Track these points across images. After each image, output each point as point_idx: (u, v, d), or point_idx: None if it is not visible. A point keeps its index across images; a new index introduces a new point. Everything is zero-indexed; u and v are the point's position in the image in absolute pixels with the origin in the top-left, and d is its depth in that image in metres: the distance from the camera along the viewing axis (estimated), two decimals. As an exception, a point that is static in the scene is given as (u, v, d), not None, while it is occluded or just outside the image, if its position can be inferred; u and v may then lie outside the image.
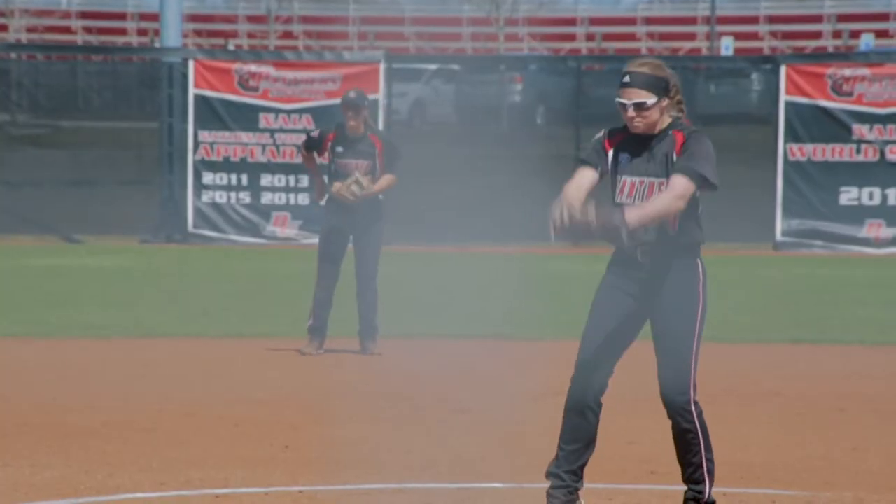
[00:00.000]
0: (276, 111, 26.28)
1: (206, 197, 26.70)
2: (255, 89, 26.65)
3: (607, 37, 45.65)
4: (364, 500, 6.85)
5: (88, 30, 45.60)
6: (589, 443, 5.95)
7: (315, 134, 12.33)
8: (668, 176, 5.89)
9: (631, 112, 5.89)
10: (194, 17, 44.51)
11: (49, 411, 9.47)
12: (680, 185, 5.87)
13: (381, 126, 26.86)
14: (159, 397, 10.08)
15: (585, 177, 5.89)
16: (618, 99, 5.92)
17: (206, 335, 13.64)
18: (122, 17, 46.14)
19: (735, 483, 7.44)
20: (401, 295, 14.34)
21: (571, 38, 45.78)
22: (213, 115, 26.63)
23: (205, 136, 26.65)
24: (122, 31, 45.71)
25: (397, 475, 7.09)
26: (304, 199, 26.32)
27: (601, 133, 6.01)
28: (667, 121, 6.00)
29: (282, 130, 26.49)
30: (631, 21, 46.18)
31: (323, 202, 12.39)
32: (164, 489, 7.11)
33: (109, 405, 9.73)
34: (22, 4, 44.95)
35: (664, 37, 45.29)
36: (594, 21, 46.20)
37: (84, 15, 45.92)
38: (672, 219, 5.93)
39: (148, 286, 19.05)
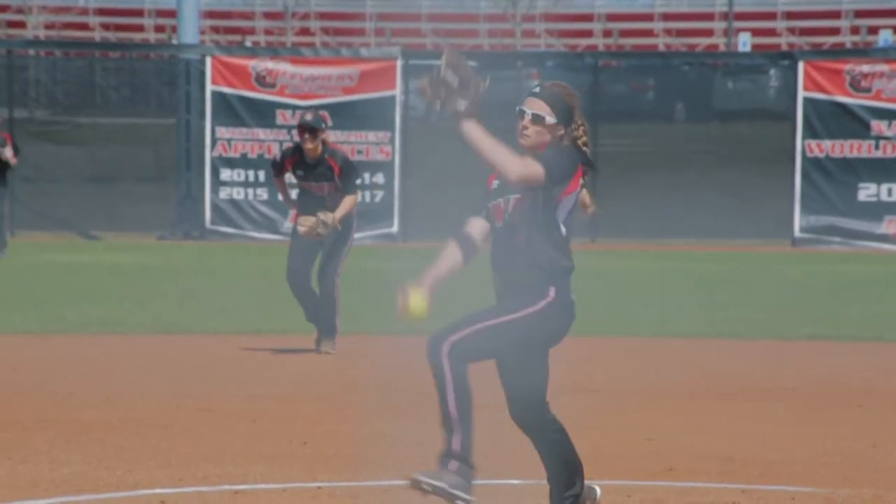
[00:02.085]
0: (293, 107, 26.30)
1: (223, 193, 26.73)
2: (272, 86, 26.67)
3: (624, 33, 45.59)
4: (382, 495, 6.85)
5: (106, 26, 45.67)
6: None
7: (277, 158, 12.37)
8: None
9: (526, 121, 5.64)
10: (211, 14, 44.56)
11: (67, 407, 9.49)
12: (530, 163, 5.49)
13: (397, 123, 26.90)
14: (177, 393, 10.09)
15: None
16: (519, 106, 5.73)
17: (224, 331, 13.65)
18: (139, 13, 46.21)
19: (753, 480, 7.42)
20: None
21: (588, 34, 45.72)
22: (231, 111, 26.66)
23: (222, 132, 26.68)
24: (140, 28, 45.78)
25: (415, 470, 7.09)
26: (321, 195, 26.34)
27: None
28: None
29: (299, 127, 26.52)
30: (648, 17, 46.10)
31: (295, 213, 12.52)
32: (182, 485, 7.12)
33: (127, 401, 9.74)
34: (40, 1, 45.05)
35: (681, 33, 45.21)
36: (611, 17, 46.13)
37: (102, 11, 45.99)
38: (522, 233, 5.58)
39: (165, 283, 19.08)
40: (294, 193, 12.31)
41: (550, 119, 5.64)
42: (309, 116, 12.17)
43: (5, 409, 9.40)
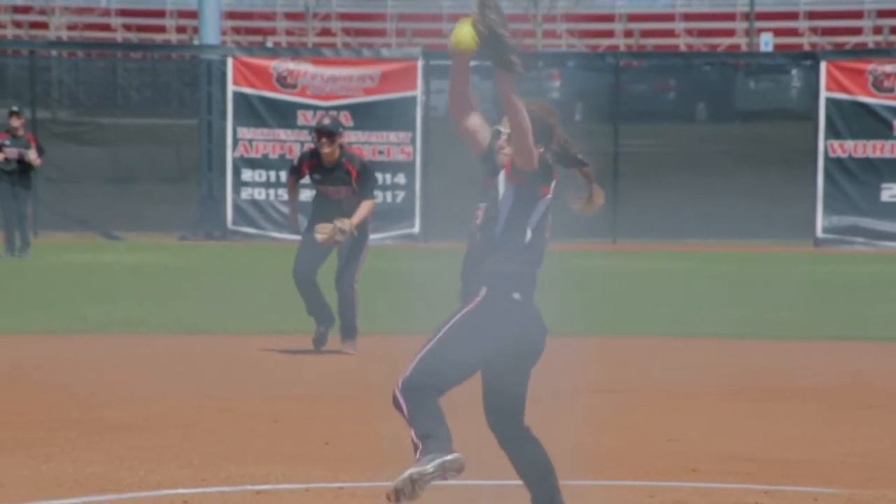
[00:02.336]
0: (315, 108, 26.31)
1: (244, 194, 26.77)
2: (294, 86, 26.70)
3: (645, 33, 45.52)
4: (404, 496, 6.84)
5: (128, 27, 45.79)
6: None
7: (295, 162, 12.38)
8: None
9: (502, 141, 5.67)
10: (233, 15, 44.64)
11: (89, 407, 9.51)
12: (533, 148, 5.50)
13: (418, 123, 26.90)
14: (198, 393, 10.11)
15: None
16: (496, 126, 5.74)
17: (245, 332, 13.66)
18: (161, 14, 46.31)
19: (776, 481, 7.40)
20: (441, 292, 14.32)
21: (609, 34, 45.66)
22: (252, 112, 26.70)
23: (244, 132, 26.71)
24: (162, 29, 45.88)
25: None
26: (342, 195, 26.36)
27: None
28: None
29: (320, 127, 26.54)
30: (669, 17, 46.03)
31: (297, 229, 12.53)
32: (204, 485, 7.12)
33: (149, 401, 9.75)
34: (62, 2, 45.19)
35: (703, 33, 45.12)
36: (632, 17, 46.07)
37: (123, 12, 46.12)
38: (484, 233, 5.57)
39: (187, 283, 19.11)
40: (296, 197, 12.36)
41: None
42: (326, 120, 12.16)
43: (28, 408, 9.42)
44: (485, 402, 5.76)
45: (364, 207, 11.86)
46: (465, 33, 5.60)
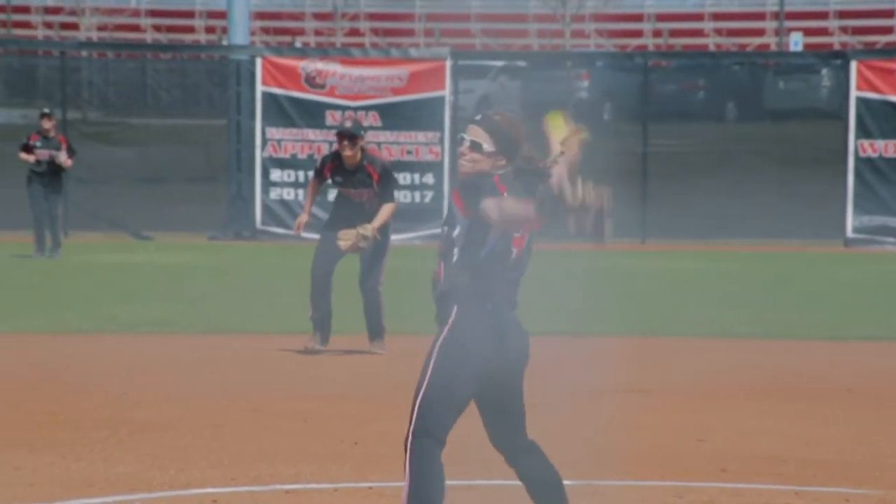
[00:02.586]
0: (343, 108, 26.34)
1: (273, 194, 26.82)
2: (322, 86, 26.73)
3: (674, 33, 45.42)
4: (433, 496, 6.83)
5: (157, 28, 45.95)
6: None
7: (318, 164, 12.38)
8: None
9: (464, 148, 5.58)
10: (261, 15, 44.73)
11: (120, 406, 9.54)
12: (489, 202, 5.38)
13: (447, 123, 26.89)
14: (228, 393, 10.13)
15: None
16: (461, 133, 5.68)
17: (274, 331, 13.68)
18: (190, 14, 46.45)
19: (808, 481, 7.37)
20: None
21: (638, 34, 45.58)
22: (281, 112, 26.74)
23: (272, 132, 26.77)
24: (191, 29, 46.02)
25: (466, 471, 7.08)
26: (370, 195, 26.39)
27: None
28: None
29: (349, 127, 26.56)
30: (698, 17, 45.91)
31: (300, 232, 12.53)
32: (234, 484, 7.14)
33: (178, 401, 9.78)
34: (92, 3, 45.37)
35: (732, 32, 44.99)
36: (661, 17, 45.97)
37: (153, 13, 46.28)
38: (459, 242, 5.50)
39: (216, 283, 19.16)
40: (312, 201, 12.38)
41: (488, 147, 5.58)
42: (348, 123, 12.14)
43: (59, 408, 9.46)
44: (485, 424, 5.67)
45: (385, 211, 11.84)
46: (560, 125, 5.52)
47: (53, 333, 13.54)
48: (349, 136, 11.94)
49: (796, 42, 42.15)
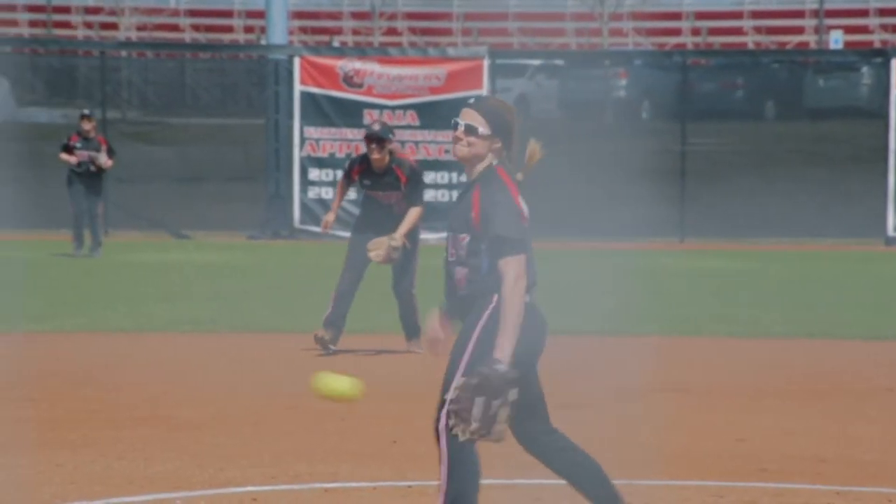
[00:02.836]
0: (381, 107, 26.37)
1: (312, 193, 26.88)
2: (360, 86, 26.77)
3: (713, 31, 45.25)
4: (472, 495, 6.83)
5: (196, 27, 46.11)
6: None
7: (346, 166, 12.39)
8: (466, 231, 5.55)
9: (459, 132, 5.57)
10: (299, 14, 44.82)
11: (160, 404, 9.58)
12: (510, 268, 5.48)
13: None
14: (267, 391, 10.16)
15: None
16: (454, 118, 5.63)
17: (311, 330, 13.71)
18: (229, 14, 46.60)
19: (848, 482, 7.33)
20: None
21: (677, 32, 45.43)
22: (319, 111, 26.80)
23: (310, 132, 26.82)
24: (230, 29, 46.17)
25: (505, 471, 7.08)
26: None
27: None
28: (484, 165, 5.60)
29: (386, 126, 26.58)
30: (737, 15, 45.73)
31: (328, 231, 12.55)
32: (273, 483, 7.16)
33: (218, 399, 9.82)
34: (132, 3, 45.58)
35: (771, 31, 44.80)
36: (700, 15, 45.81)
37: (192, 13, 46.45)
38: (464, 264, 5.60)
39: (255, 282, 19.21)
40: (340, 201, 12.43)
41: (484, 130, 5.57)
42: (376, 126, 12.14)
43: (100, 406, 9.51)
44: (513, 419, 5.62)
45: (412, 215, 11.81)
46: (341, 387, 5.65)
47: (93, 332, 13.62)
48: (377, 139, 11.94)
49: (836, 40, 41.93)
